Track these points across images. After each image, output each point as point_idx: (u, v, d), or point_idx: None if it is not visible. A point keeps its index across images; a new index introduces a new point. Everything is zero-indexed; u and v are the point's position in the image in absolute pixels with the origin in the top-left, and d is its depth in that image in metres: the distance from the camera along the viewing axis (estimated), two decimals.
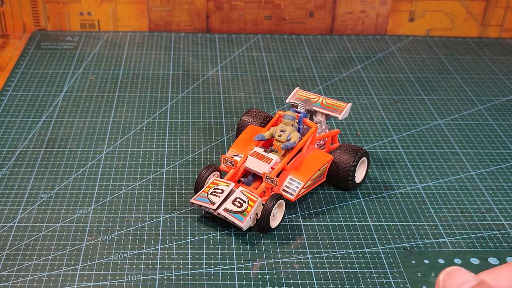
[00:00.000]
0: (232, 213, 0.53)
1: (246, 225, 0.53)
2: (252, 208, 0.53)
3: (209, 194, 0.54)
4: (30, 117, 0.71)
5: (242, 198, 0.54)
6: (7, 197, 0.58)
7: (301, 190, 0.56)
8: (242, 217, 0.53)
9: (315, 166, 0.57)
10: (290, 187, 0.56)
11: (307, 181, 0.56)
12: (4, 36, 0.92)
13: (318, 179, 0.58)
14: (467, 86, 0.83)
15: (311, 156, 0.58)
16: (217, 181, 0.55)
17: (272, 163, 0.56)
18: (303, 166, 0.57)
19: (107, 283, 0.49)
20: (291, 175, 0.57)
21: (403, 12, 0.96)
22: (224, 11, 0.94)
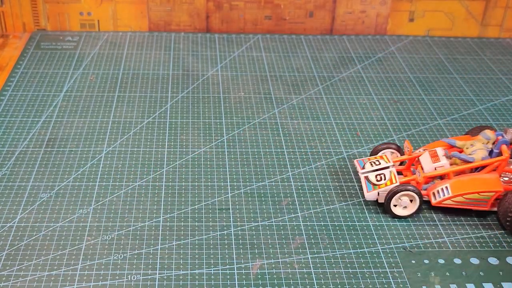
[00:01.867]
0: (367, 182, 0.58)
1: (369, 196, 0.57)
2: (385, 186, 0.57)
3: (369, 161, 0.60)
4: (30, 117, 0.71)
5: (386, 175, 0.57)
6: (7, 197, 0.58)
7: (446, 200, 0.56)
8: (372, 188, 0.57)
9: (477, 187, 0.56)
10: (441, 192, 0.57)
11: (457, 195, 0.56)
12: (4, 36, 0.92)
13: (475, 203, 0.56)
14: (467, 86, 0.83)
15: (482, 179, 0.57)
16: (384, 156, 0.60)
17: (438, 164, 0.57)
18: (466, 182, 0.57)
19: (107, 283, 0.49)
20: (449, 184, 0.57)
21: (403, 12, 0.96)
22: (224, 11, 0.94)
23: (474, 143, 0.59)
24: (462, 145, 0.60)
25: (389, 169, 0.59)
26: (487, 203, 0.57)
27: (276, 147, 0.68)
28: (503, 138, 0.58)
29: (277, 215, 0.57)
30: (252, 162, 0.65)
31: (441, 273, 0.52)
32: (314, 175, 0.63)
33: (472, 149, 0.58)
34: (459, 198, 0.56)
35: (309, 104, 0.76)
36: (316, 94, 0.79)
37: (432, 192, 0.57)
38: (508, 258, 0.54)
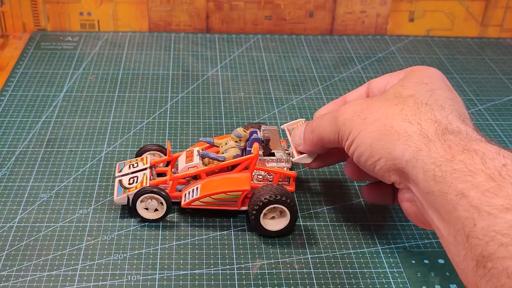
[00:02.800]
0: (120, 185, 0.56)
1: (118, 200, 0.55)
2: (135, 190, 0.55)
3: (129, 164, 0.59)
4: (30, 117, 0.71)
5: (139, 179, 0.56)
6: (7, 197, 0.58)
7: (194, 201, 0.54)
8: (122, 191, 0.56)
9: (225, 187, 0.54)
10: (190, 194, 0.55)
11: (205, 196, 0.54)
12: (4, 36, 0.92)
13: (225, 203, 0.55)
14: (467, 86, 0.83)
15: (232, 178, 0.55)
16: (145, 158, 0.59)
17: (190, 164, 0.56)
18: (216, 182, 0.55)
19: (107, 283, 0.49)
20: (199, 185, 0.55)
21: (403, 12, 0.96)
22: (224, 11, 0.94)
23: (227, 142, 0.57)
24: (219, 144, 0.58)
25: (143, 172, 0.57)
26: (237, 202, 0.55)
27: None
28: (256, 136, 0.57)
29: None
30: None
31: (441, 273, 0.52)
32: (314, 175, 0.63)
33: (225, 148, 0.57)
34: (207, 198, 0.54)
35: (309, 104, 0.76)
36: (316, 94, 0.79)
37: (184, 193, 0.56)
38: None
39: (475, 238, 0.36)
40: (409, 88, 0.48)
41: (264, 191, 0.53)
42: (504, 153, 0.39)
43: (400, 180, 0.45)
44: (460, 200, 0.37)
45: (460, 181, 0.38)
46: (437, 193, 0.39)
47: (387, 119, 0.45)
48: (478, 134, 0.43)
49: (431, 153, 0.41)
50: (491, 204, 0.36)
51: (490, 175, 0.37)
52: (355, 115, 0.48)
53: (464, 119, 0.45)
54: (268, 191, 0.53)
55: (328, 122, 0.51)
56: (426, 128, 0.43)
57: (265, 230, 0.54)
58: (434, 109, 0.45)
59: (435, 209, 0.40)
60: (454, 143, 0.41)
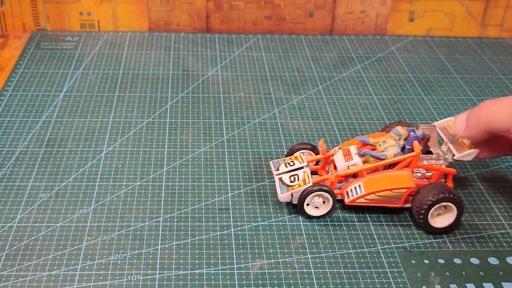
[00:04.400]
0: (281, 183, 0.57)
1: (282, 198, 0.57)
2: (298, 187, 0.56)
3: (283, 162, 0.59)
4: (30, 117, 0.71)
5: (299, 176, 0.57)
6: (7, 197, 0.58)
7: (359, 199, 0.56)
8: (285, 189, 0.56)
9: (389, 184, 0.56)
10: (353, 191, 0.56)
11: (370, 193, 0.55)
12: (4, 36, 0.92)
13: (389, 200, 0.56)
14: (467, 86, 0.83)
15: (394, 176, 0.56)
16: (298, 156, 0.59)
17: (350, 163, 0.57)
18: (379, 180, 0.56)
19: (107, 283, 0.49)
20: (361, 182, 0.56)
21: (403, 12, 0.96)
22: (224, 11, 0.94)
23: (386, 140, 0.58)
24: (375, 143, 0.59)
25: (303, 170, 0.58)
26: (400, 199, 0.56)
27: (276, 147, 0.68)
28: (414, 134, 0.57)
29: (277, 215, 0.57)
30: (252, 162, 0.65)
31: (441, 273, 0.52)
32: None
33: (384, 146, 0.57)
34: (372, 196, 0.56)
35: (309, 104, 0.76)
36: (316, 94, 0.79)
37: (346, 191, 0.57)
38: (508, 258, 0.54)
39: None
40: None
41: (430, 189, 0.55)
42: None
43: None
44: None
45: None
46: None
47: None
48: None
49: None
50: None
51: None
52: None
53: None
54: (435, 188, 0.54)
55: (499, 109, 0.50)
56: None
57: (432, 228, 0.55)
58: None
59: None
60: None
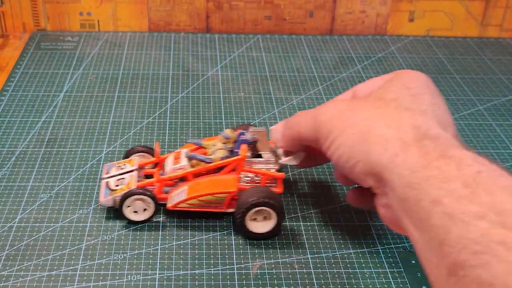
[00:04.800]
0: (106, 187, 0.56)
1: (104, 202, 0.55)
2: (121, 192, 0.54)
3: (117, 165, 0.58)
4: (30, 117, 0.71)
5: (126, 180, 0.55)
6: (7, 197, 0.58)
7: (181, 203, 0.54)
8: (108, 193, 0.55)
9: (211, 189, 0.54)
10: (177, 196, 0.55)
11: (191, 198, 0.54)
12: (4, 36, 0.92)
13: (211, 205, 0.54)
14: (467, 86, 0.83)
15: (219, 180, 0.55)
16: (133, 159, 0.58)
17: (177, 166, 0.55)
18: (203, 184, 0.55)
19: (107, 283, 0.49)
20: (186, 187, 0.55)
21: (403, 12, 0.96)
22: (224, 11, 0.94)
23: (215, 143, 0.57)
24: (206, 145, 0.58)
25: (130, 173, 0.56)
26: (222, 204, 0.54)
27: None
28: (243, 137, 0.56)
29: None
30: None
31: None
32: (314, 175, 0.63)
33: (213, 149, 0.56)
34: (194, 200, 0.54)
35: (309, 104, 0.76)
36: (316, 94, 0.79)
37: (171, 195, 0.55)
38: None
39: (448, 246, 0.35)
40: (392, 92, 0.47)
41: (250, 193, 0.53)
42: (480, 160, 0.39)
43: (377, 184, 0.44)
44: (434, 207, 0.37)
45: (435, 187, 0.37)
46: (412, 200, 0.39)
47: (367, 122, 0.45)
48: (457, 141, 0.42)
49: (408, 158, 0.40)
50: (464, 212, 0.35)
51: (465, 181, 0.37)
52: (336, 116, 0.47)
53: (446, 125, 0.44)
54: (255, 193, 0.53)
55: (307, 121, 0.50)
56: (405, 133, 0.42)
57: (250, 232, 0.54)
58: (415, 114, 0.44)
59: (409, 216, 0.40)
60: (432, 149, 0.40)
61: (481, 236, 0.34)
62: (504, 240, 0.33)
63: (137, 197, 0.54)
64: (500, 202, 0.35)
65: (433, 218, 0.37)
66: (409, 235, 0.41)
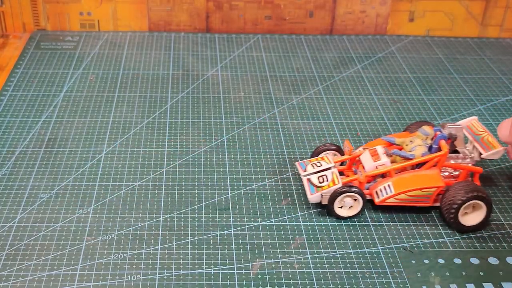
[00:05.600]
0: (310, 184, 0.57)
1: (313, 199, 0.57)
2: (328, 188, 0.56)
3: (310, 163, 0.59)
4: (30, 117, 0.71)
5: (328, 177, 0.57)
6: (7, 197, 0.58)
7: (389, 199, 0.56)
8: (315, 190, 0.57)
9: (418, 184, 0.56)
10: (383, 191, 0.57)
11: (400, 193, 0.56)
12: (4, 36, 0.92)
13: (418, 199, 0.57)
14: (467, 86, 0.83)
15: (423, 175, 0.57)
16: (325, 157, 0.59)
17: (379, 163, 0.57)
18: (408, 179, 0.57)
19: (107, 283, 0.49)
20: (391, 182, 0.57)
21: (403, 12, 0.96)
22: (224, 11, 0.94)
23: (413, 140, 0.58)
24: (401, 142, 0.59)
25: (331, 170, 0.58)
26: (430, 199, 0.57)
27: (276, 147, 0.68)
28: (441, 134, 0.58)
29: (277, 215, 0.57)
30: (252, 162, 0.65)
31: (441, 273, 0.52)
32: None
33: (412, 146, 0.58)
34: (402, 195, 0.56)
35: (309, 104, 0.76)
36: (316, 94, 0.79)
37: (375, 191, 0.57)
38: (508, 258, 0.54)
39: None
40: None
41: (459, 188, 0.55)
42: None
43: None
44: None
45: None
46: None
47: None
48: None
49: None
50: None
51: None
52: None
53: None
54: (463, 188, 0.55)
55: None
56: None
57: (463, 226, 0.56)
58: None
59: None
60: None
61: None
62: None
63: (347, 194, 0.56)
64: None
65: None
66: None
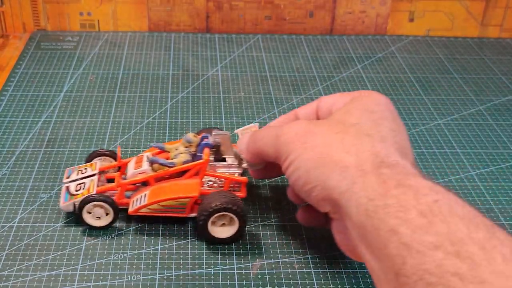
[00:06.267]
0: (66, 192, 0.55)
1: (64, 207, 0.54)
2: (81, 196, 0.54)
3: (77, 169, 0.57)
4: (30, 117, 0.71)
5: (86, 185, 0.55)
6: (7, 197, 0.58)
7: (142, 208, 0.53)
8: (68, 198, 0.54)
9: (172, 193, 0.53)
10: (138, 200, 0.54)
11: (152, 203, 0.53)
12: (4, 36, 0.92)
13: (173, 210, 0.54)
14: (467, 86, 0.83)
15: (180, 185, 0.54)
16: (93, 164, 0.58)
17: (139, 170, 0.55)
18: (164, 188, 0.54)
19: (107, 283, 0.49)
20: (148, 191, 0.54)
21: (403, 12, 0.96)
22: (224, 11, 0.94)
23: (178, 147, 0.56)
24: (169, 149, 0.57)
25: (91, 178, 0.56)
26: (185, 209, 0.54)
27: None
28: (206, 141, 0.55)
29: (277, 216, 0.57)
30: None
31: None
32: None
33: (175, 153, 0.55)
34: (155, 205, 0.53)
35: None
36: (316, 94, 0.79)
37: (132, 200, 0.55)
38: None
39: (404, 276, 0.35)
40: (354, 116, 0.46)
41: (212, 198, 0.52)
42: (437, 188, 0.38)
43: (334, 210, 0.44)
44: (391, 237, 0.36)
45: (392, 216, 0.37)
46: (369, 228, 0.38)
47: (326, 147, 0.44)
48: (415, 169, 0.42)
49: (365, 186, 0.40)
50: (421, 242, 0.35)
51: (422, 211, 0.36)
52: (296, 138, 0.46)
53: (405, 152, 0.44)
54: (217, 198, 0.52)
55: (270, 138, 0.49)
56: (364, 160, 0.42)
57: (212, 237, 0.53)
58: (375, 140, 0.43)
59: (366, 244, 0.39)
60: (389, 177, 0.40)
61: (436, 267, 0.34)
62: (457, 272, 0.33)
63: (96, 203, 0.53)
64: (455, 231, 0.35)
65: (390, 247, 0.36)
66: (366, 262, 0.40)
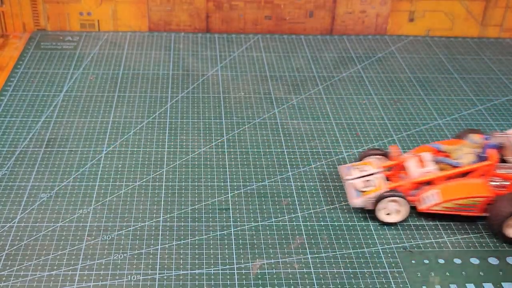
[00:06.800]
0: (354, 189, 0.57)
1: (356, 203, 0.56)
2: (373, 193, 0.56)
3: (355, 167, 0.59)
4: (30, 117, 0.71)
5: (373, 182, 0.57)
6: (7, 197, 0.58)
7: (435, 206, 0.56)
8: (359, 194, 0.56)
9: (465, 193, 0.55)
10: (429, 198, 0.56)
11: (447, 201, 0.55)
12: (4, 36, 0.92)
13: (466, 208, 0.56)
14: (467, 86, 0.83)
15: (470, 184, 0.56)
16: (371, 162, 0.59)
17: (426, 170, 0.57)
18: (455, 187, 0.56)
19: (107, 283, 0.49)
20: (438, 189, 0.56)
21: (403, 12, 0.96)
22: (224, 11, 0.94)
23: (461, 148, 0.58)
24: (448, 150, 0.59)
25: (376, 175, 0.58)
26: (477, 208, 0.56)
27: (276, 147, 0.68)
28: (491, 143, 0.57)
29: (277, 215, 0.57)
30: (252, 162, 0.65)
31: (441, 273, 0.52)
32: (314, 175, 0.63)
33: (459, 154, 0.57)
34: (449, 203, 0.55)
35: (309, 104, 0.76)
36: (316, 94, 0.79)
37: (421, 197, 0.57)
38: (508, 258, 0.54)
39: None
40: None
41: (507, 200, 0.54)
42: None
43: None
44: None
45: None
46: None
47: None
48: None
49: None
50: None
51: None
52: None
53: None
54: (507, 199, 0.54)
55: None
56: None
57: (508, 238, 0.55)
58: None
59: None
60: None
61: None
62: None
63: (391, 199, 0.55)
64: None
65: None
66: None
